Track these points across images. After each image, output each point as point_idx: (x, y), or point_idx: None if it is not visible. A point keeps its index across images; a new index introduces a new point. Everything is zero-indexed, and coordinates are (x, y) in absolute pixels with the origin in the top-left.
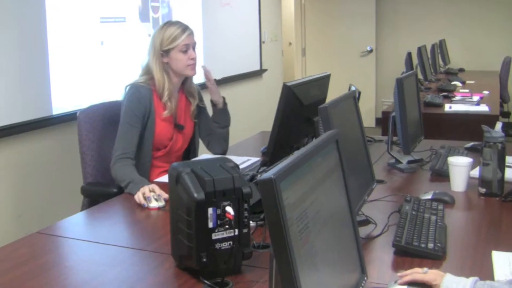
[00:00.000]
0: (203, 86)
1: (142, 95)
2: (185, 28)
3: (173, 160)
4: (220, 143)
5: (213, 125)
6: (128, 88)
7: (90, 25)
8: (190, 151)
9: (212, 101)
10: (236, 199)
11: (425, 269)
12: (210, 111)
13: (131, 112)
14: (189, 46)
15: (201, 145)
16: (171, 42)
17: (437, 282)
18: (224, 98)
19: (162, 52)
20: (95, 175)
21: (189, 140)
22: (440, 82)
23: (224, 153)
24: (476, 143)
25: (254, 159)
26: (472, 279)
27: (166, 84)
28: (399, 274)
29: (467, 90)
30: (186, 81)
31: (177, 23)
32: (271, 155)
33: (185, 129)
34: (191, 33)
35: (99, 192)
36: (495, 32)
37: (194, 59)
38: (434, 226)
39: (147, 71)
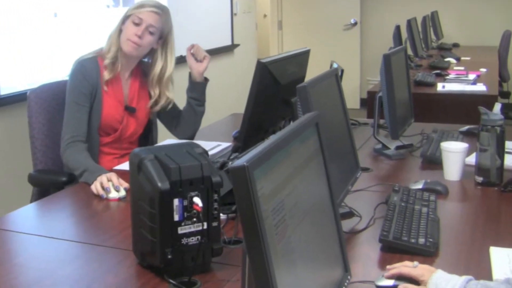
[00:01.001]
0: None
1: (88, 70)
2: (154, 5)
3: (125, 147)
4: (193, 123)
5: (177, 107)
6: (73, 64)
7: None
8: (148, 138)
9: (194, 75)
10: (205, 189)
11: (415, 263)
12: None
13: (77, 91)
14: (143, 23)
15: (164, 130)
16: (134, 8)
17: (424, 278)
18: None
19: (125, 17)
20: (45, 162)
21: (144, 126)
22: (432, 58)
23: (193, 136)
24: (472, 126)
25: (225, 145)
26: (464, 278)
27: (115, 48)
28: (388, 267)
29: (462, 68)
30: (149, 71)
31: (156, 1)
32: (244, 140)
33: (137, 113)
34: (157, 14)
35: (47, 181)
36: (493, 3)
37: (139, 37)
38: (425, 219)
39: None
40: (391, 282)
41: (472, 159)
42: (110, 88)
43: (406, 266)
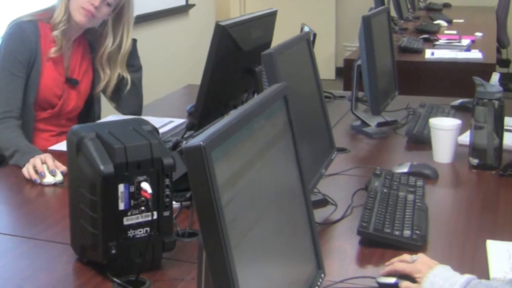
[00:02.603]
0: None
1: (27, 34)
2: None
3: (64, 123)
4: (134, 93)
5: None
6: (8, 26)
7: None
8: (89, 113)
9: None
10: (155, 173)
11: (414, 256)
12: None
13: (12, 58)
14: None
15: (107, 105)
16: None
17: (420, 275)
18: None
19: None
20: None
21: (86, 100)
22: (419, 21)
23: (140, 111)
24: (465, 100)
25: (178, 121)
26: (465, 277)
27: (65, 17)
28: (387, 263)
29: (454, 32)
30: (98, 44)
31: None
32: (201, 115)
33: (80, 85)
34: None
35: None
36: None
37: (95, 8)
38: (411, 207)
39: (53, 7)
40: (393, 280)
41: (466, 138)
42: (49, 58)
43: (403, 261)
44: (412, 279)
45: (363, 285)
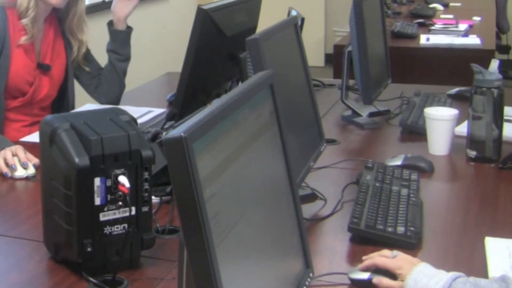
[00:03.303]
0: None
1: None
2: None
3: (36, 113)
4: (115, 83)
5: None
6: None
7: None
8: (62, 102)
9: (114, 20)
10: (133, 166)
11: (394, 252)
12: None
13: None
14: None
15: (82, 94)
16: None
17: (402, 271)
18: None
19: None
20: None
21: (59, 87)
22: (413, 4)
23: (118, 100)
24: (463, 88)
25: (157, 111)
26: (451, 275)
27: (33, 2)
28: (364, 257)
29: (451, 16)
30: (67, 12)
31: None
32: (182, 105)
33: (52, 71)
34: None
35: None
36: None
37: None
38: (405, 202)
39: None
40: (366, 275)
41: (463, 129)
42: (19, 44)
43: (383, 256)
44: (389, 275)
45: (335, 282)
